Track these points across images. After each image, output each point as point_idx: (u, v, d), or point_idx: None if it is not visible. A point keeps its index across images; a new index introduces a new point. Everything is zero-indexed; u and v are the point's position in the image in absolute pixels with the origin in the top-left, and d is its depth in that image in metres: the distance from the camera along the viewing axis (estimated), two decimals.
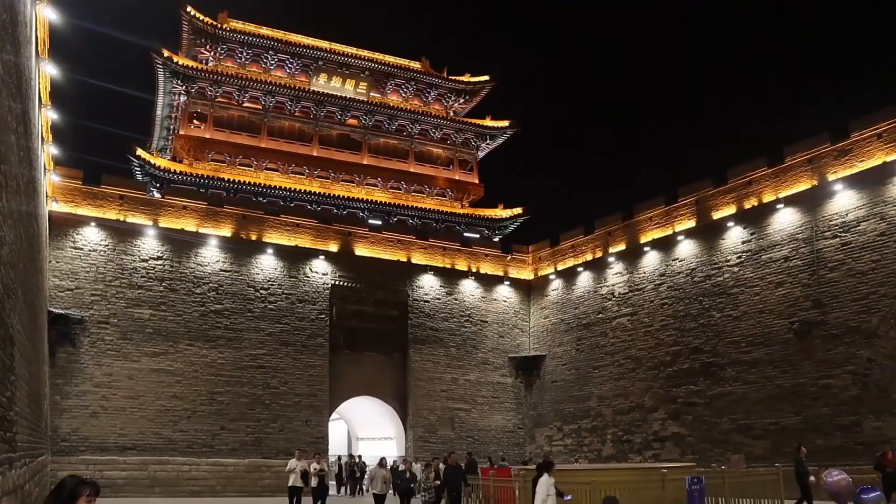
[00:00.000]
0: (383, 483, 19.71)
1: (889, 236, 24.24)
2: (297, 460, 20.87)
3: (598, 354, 34.68)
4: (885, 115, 25.08)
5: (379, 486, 19.63)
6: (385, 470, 20.17)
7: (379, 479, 19.65)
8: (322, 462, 21.42)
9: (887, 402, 23.52)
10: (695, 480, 17.06)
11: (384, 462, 20.83)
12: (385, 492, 19.84)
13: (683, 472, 17.74)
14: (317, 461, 21.27)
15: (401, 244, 37.38)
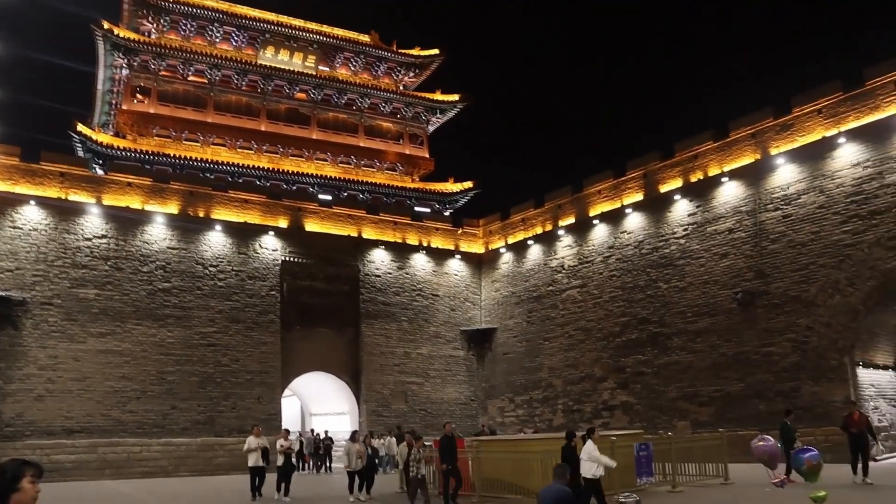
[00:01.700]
0: (357, 458, 18.68)
1: (828, 209, 25.02)
2: (256, 438, 19.41)
3: (549, 326, 35.18)
4: (825, 91, 25.76)
5: (353, 461, 18.61)
6: (359, 445, 19.16)
7: (353, 454, 18.67)
8: (288, 439, 20.05)
9: (824, 368, 24.45)
10: (642, 447, 17.56)
11: (357, 436, 19.97)
12: (360, 468, 18.80)
13: (632, 440, 18.22)
14: (283, 438, 19.94)
15: (351, 219, 37.20)
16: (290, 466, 19.50)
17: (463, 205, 49.30)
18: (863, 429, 17.20)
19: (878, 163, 23.88)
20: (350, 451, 18.76)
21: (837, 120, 25.24)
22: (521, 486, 16.00)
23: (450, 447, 16.37)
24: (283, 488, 18.75)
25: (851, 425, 17.29)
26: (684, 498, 16.39)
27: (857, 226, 24.13)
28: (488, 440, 21.76)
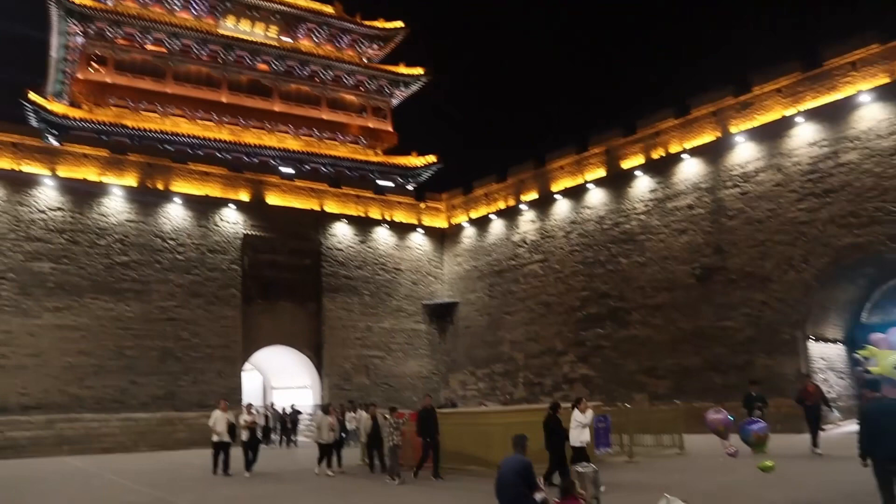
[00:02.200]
0: (330, 431, 18.35)
1: (784, 186, 25.50)
2: (221, 412, 18.91)
3: (510, 300, 35.45)
4: (784, 71, 26.14)
5: (325, 434, 18.24)
6: (331, 417, 18.77)
7: (325, 427, 18.33)
8: (251, 413, 19.68)
9: (777, 342, 25.09)
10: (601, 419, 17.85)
11: (329, 409, 19.66)
12: (332, 440, 18.47)
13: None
14: (246, 412, 19.43)
15: (314, 192, 36.92)
16: (255, 441, 19.17)
17: (426, 179, 49.22)
18: (817, 401, 17.71)
19: (834, 142, 24.37)
20: (322, 423, 18.46)
21: (796, 99, 25.65)
22: (482, 457, 16.20)
23: (429, 420, 16.27)
24: (247, 463, 18.47)
25: (806, 398, 17.79)
26: (640, 468, 16.77)
27: (812, 204, 24.65)
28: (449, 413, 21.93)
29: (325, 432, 18.26)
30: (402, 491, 14.89)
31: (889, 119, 23.15)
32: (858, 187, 23.53)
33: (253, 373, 38.18)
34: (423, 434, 16.15)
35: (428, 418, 16.31)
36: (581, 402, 14.11)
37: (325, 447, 18.26)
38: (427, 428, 16.16)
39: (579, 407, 13.88)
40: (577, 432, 13.61)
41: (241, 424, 18.81)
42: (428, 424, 16.21)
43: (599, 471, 10.06)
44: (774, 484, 12.45)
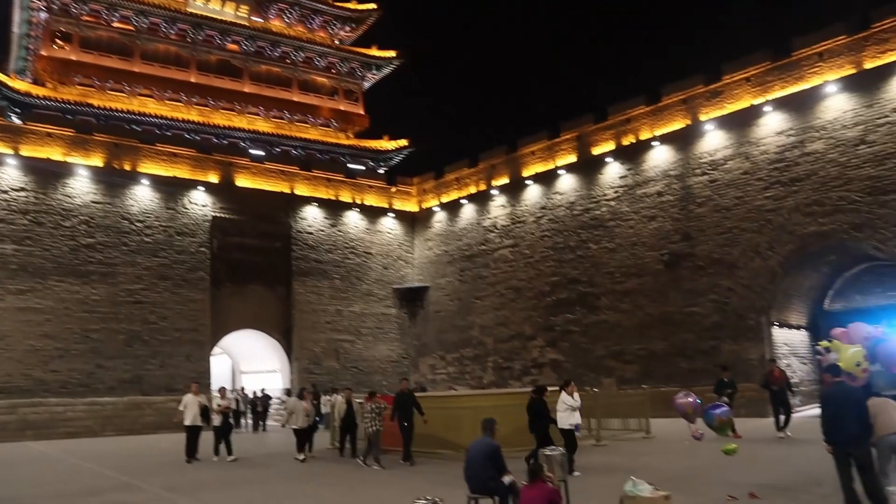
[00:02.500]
0: (305, 416, 18.00)
1: (752, 174, 25.83)
2: (193, 395, 18.55)
3: (481, 285, 35.58)
4: (754, 60, 26.41)
5: (300, 419, 17.88)
6: (306, 402, 18.41)
7: (300, 412, 17.97)
8: (226, 397, 19.24)
9: (743, 328, 25.52)
10: None
11: (305, 394, 19.29)
12: (307, 425, 18.16)
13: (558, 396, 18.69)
14: (220, 396, 19.08)
15: (284, 175, 36.64)
16: (228, 426, 18.82)
17: (397, 163, 48.99)
18: (783, 385, 18.06)
19: (801, 132, 24.72)
20: (297, 408, 18.09)
21: (765, 88, 25.95)
22: (451, 441, 16.31)
23: (406, 404, 16.10)
24: (226, 448, 18.10)
25: (772, 382, 18.14)
26: (607, 451, 17.00)
27: (779, 192, 25.01)
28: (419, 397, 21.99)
29: (301, 417, 17.93)
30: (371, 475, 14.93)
31: (854, 110, 23.51)
32: (823, 176, 23.91)
33: (222, 357, 37.94)
34: (400, 418, 15.98)
35: (405, 402, 16.16)
36: (569, 384, 14.16)
37: (301, 432, 17.95)
38: (404, 412, 16.00)
39: (567, 390, 13.93)
40: (566, 415, 13.66)
41: (216, 408, 18.48)
42: (405, 408, 16.05)
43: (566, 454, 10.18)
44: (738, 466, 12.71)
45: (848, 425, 8.50)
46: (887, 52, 23.04)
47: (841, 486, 8.55)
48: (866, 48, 23.57)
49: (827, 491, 9.41)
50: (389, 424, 16.28)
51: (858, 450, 8.49)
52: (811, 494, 10.03)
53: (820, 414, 9.06)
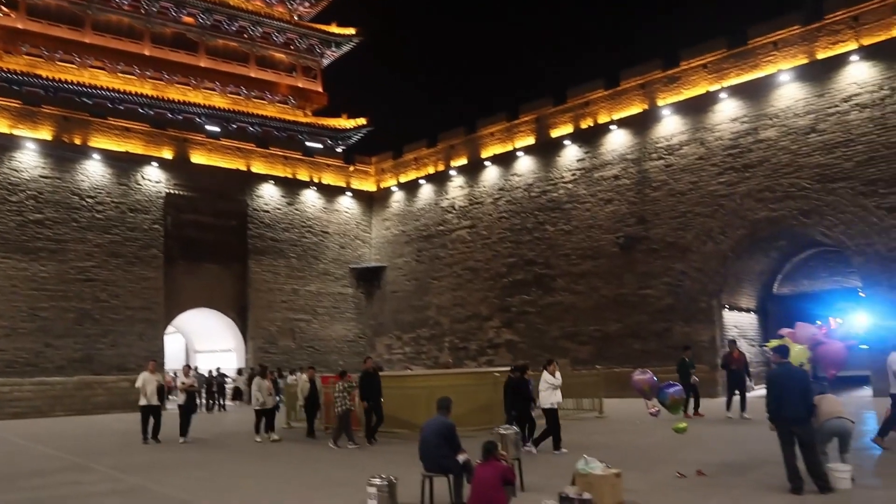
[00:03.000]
0: (268, 395, 17.65)
1: (706, 160, 26.25)
2: (150, 374, 17.82)
3: (438, 266, 35.64)
4: (711, 47, 26.75)
5: (264, 399, 17.51)
6: (268, 381, 18.01)
7: (264, 391, 17.57)
8: (190, 376, 18.64)
9: (694, 310, 26.05)
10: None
11: (267, 373, 18.65)
12: (272, 405, 17.84)
13: None
14: (184, 374, 18.49)
15: (240, 152, 36.12)
16: (193, 405, 18.36)
17: (355, 142, 48.61)
18: (742, 367, 18.48)
19: (754, 119, 25.16)
20: (261, 387, 17.65)
21: (721, 76, 26.32)
22: (407, 420, 16.37)
23: (371, 383, 15.91)
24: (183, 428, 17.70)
25: (731, 363, 18.56)
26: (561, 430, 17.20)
27: (732, 177, 25.47)
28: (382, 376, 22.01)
29: (264, 397, 17.58)
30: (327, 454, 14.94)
31: (805, 99, 24.00)
32: (775, 163, 24.41)
33: (176, 336, 37.45)
34: (365, 398, 15.82)
35: (370, 381, 15.98)
36: (551, 363, 14.28)
37: (263, 412, 17.60)
38: (370, 391, 15.84)
39: (549, 369, 14.04)
40: (548, 394, 13.78)
41: (180, 387, 18.03)
42: (370, 388, 15.88)
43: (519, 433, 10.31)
44: (688, 445, 13.01)
45: (792, 405, 8.79)
46: (839, 43, 23.52)
47: (784, 463, 8.83)
48: (819, 39, 24.03)
49: (771, 469, 9.68)
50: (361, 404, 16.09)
51: (801, 428, 8.79)
52: (757, 472, 10.32)
53: (766, 394, 9.34)
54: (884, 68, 22.48)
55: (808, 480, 8.78)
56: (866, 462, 10.68)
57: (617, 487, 8.59)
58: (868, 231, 22.25)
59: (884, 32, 22.66)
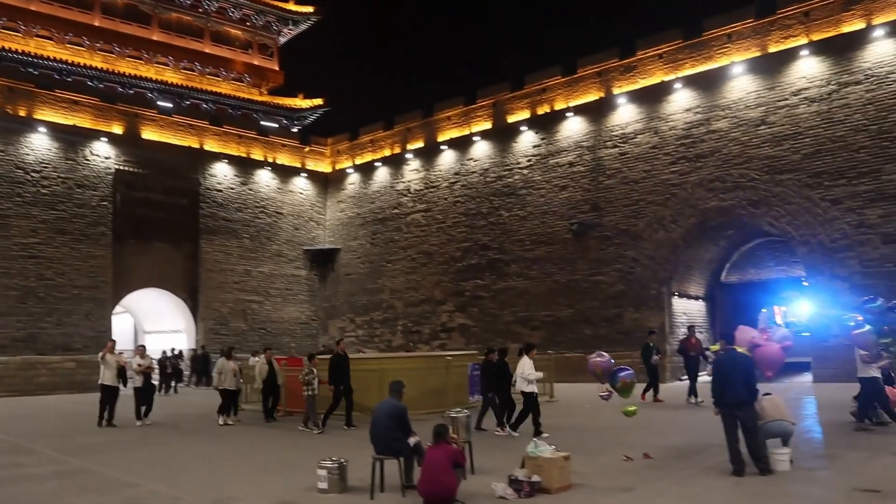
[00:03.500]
0: (233, 377, 17.10)
1: (660, 149, 26.61)
2: (110, 354, 17.12)
3: (392, 249, 35.57)
4: (666, 38, 27.06)
5: (229, 380, 16.97)
6: (234, 363, 17.40)
7: (228, 373, 17.05)
8: (146, 356, 17.87)
9: (645, 297, 26.48)
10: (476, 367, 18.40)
11: (232, 354, 17.88)
12: (238, 387, 17.45)
13: (466, 360, 19.07)
14: (139, 355, 17.74)
15: (193, 129, 35.43)
16: (151, 387, 17.71)
17: (311, 122, 48.09)
18: (699, 352, 18.86)
19: (707, 110, 25.57)
20: (224, 369, 17.13)
21: (676, 66, 26.65)
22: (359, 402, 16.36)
23: (340, 366, 15.53)
24: (136, 411, 17.04)
25: (689, 349, 18.94)
26: None
27: (684, 167, 25.88)
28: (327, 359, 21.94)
29: (228, 379, 17.04)
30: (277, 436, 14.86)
31: (757, 91, 24.47)
32: (726, 154, 24.86)
33: (124, 315, 36.75)
34: (333, 381, 15.44)
35: (340, 365, 15.59)
36: (532, 349, 14.37)
37: (228, 394, 17.09)
38: (339, 375, 15.47)
39: (529, 354, 14.09)
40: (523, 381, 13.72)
41: (136, 368, 17.24)
42: (340, 371, 15.51)
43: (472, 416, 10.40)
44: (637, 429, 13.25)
45: (735, 389, 9.02)
46: (790, 37, 24.01)
47: (727, 447, 9.07)
48: (771, 33, 24.49)
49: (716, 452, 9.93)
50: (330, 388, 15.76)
51: (744, 412, 9.02)
52: (702, 455, 10.58)
53: (711, 379, 9.57)
54: (831, 63, 23.03)
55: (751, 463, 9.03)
56: (807, 445, 11.02)
57: (565, 470, 8.73)
58: (812, 222, 22.85)
59: (833, 28, 23.20)
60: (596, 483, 8.93)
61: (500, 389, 14.06)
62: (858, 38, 22.63)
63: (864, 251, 21.90)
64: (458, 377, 17.93)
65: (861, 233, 21.99)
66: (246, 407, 19.82)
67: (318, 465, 9.02)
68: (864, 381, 12.19)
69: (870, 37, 22.38)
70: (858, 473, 9.00)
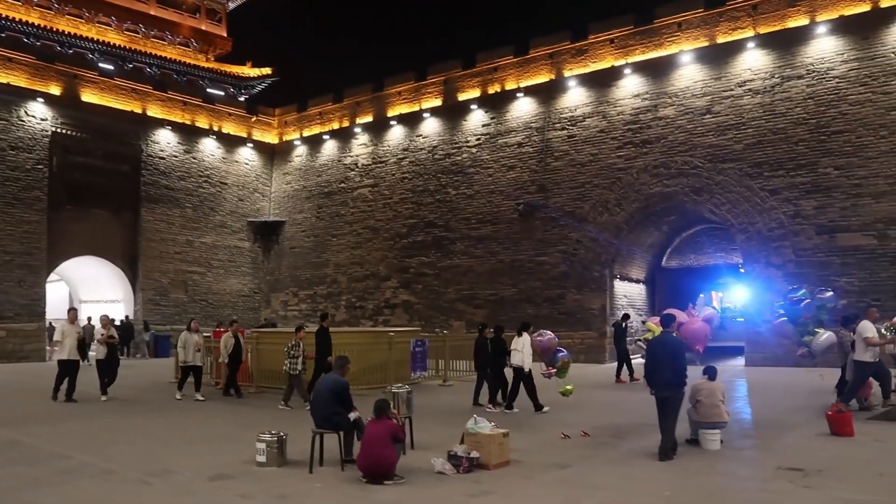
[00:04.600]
0: (196, 351, 16.20)
1: (607, 133, 26.92)
2: (70, 325, 16.06)
3: (338, 223, 35.31)
4: (619, 23, 27.28)
5: (191, 354, 16.10)
6: (198, 335, 16.54)
7: (191, 346, 16.19)
8: (108, 326, 16.66)
9: (587, 279, 26.88)
10: (419, 343, 18.54)
11: (192, 324, 16.89)
12: (201, 362, 16.54)
13: (409, 336, 19.15)
14: (103, 325, 16.60)
15: (136, 94, 34.41)
16: (116, 360, 16.70)
17: (259, 92, 47.10)
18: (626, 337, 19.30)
19: (655, 96, 25.93)
20: (188, 342, 16.19)
21: (626, 51, 26.91)
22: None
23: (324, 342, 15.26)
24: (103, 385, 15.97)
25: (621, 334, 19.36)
26: (452, 390, 17.59)
27: (630, 152, 26.25)
28: (268, 332, 21.81)
29: (191, 352, 16.16)
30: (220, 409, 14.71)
31: (703, 80, 24.91)
32: (672, 141, 25.30)
33: (59, 284, 35.72)
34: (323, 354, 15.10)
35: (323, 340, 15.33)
36: (528, 327, 14.41)
37: (190, 369, 16.27)
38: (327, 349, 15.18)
39: (528, 332, 14.18)
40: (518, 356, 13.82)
41: (100, 339, 16.24)
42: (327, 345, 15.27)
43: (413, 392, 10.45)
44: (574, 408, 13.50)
45: (663, 372, 9.19)
46: (737, 29, 24.47)
47: (659, 427, 9.28)
48: (720, 23, 24.91)
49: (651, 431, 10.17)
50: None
51: (670, 394, 9.18)
52: (637, 434, 10.84)
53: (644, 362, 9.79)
54: (776, 57, 23.57)
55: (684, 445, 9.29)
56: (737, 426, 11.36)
57: (504, 446, 8.86)
58: (751, 211, 23.46)
59: (779, 23, 23.72)
60: (534, 460, 9.08)
61: (495, 366, 14.23)
62: (802, 33, 23.19)
63: (799, 241, 22.61)
64: (401, 353, 17.99)
65: (796, 223, 22.68)
66: None
67: (257, 438, 8.98)
68: (859, 365, 12.01)
69: (813, 33, 22.97)
70: (784, 453, 9.35)
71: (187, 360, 16.21)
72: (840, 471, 8.27)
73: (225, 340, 16.88)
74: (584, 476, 8.35)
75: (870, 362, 11.89)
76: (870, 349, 11.79)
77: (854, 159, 21.89)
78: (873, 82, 21.89)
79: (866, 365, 11.90)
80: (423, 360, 18.74)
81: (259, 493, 7.69)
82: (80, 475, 8.68)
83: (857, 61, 22.21)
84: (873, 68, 21.94)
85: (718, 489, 7.75)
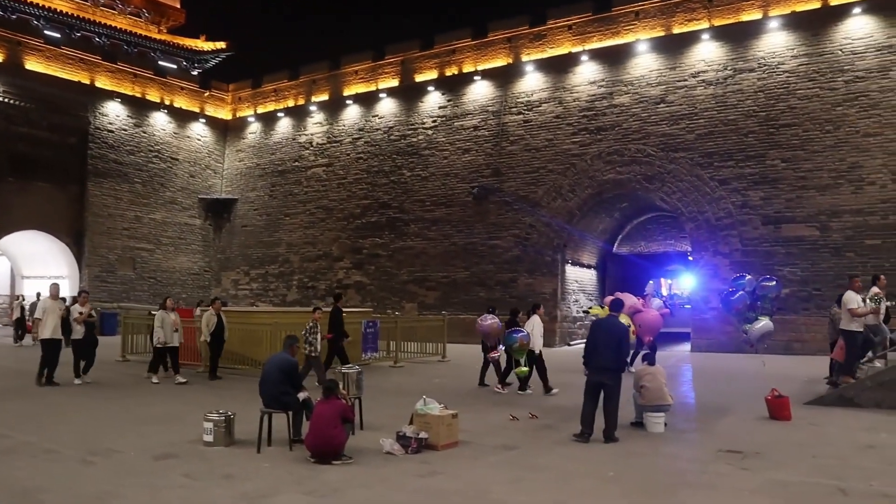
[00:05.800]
0: (174, 332, 15.36)
1: (563, 119, 27.10)
2: (53, 301, 14.80)
3: (291, 202, 34.95)
4: (577, 10, 27.46)
5: (168, 335, 15.22)
6: (175, 315, 15.64)
7: (168, 326, 15.27)
8: (87, 304, 15.44)
9: (540, 263, 27.13)
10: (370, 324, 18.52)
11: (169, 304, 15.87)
12: (178, 342, 15.54)
13: (360, 317, 19.10)
14: (81, 303, 15.27)
15: (84, 64, 33.47)
16: (95, 339, 15.48)
17: (213, 66, 46.12)
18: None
19: (611, 84, 26.18)
20: (165, 322, 15.25)
21: (584, 38, 27.08)
22: (250, 356, 16.18)
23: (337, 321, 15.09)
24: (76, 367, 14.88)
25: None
26: (403, 372, 17.62)
27: (585, 138, 26.49)
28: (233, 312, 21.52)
29: (168, 333, 15.25)
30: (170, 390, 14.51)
31: (658, 70, 25.23)
32: (626, 129, 25.60)
33: (1, 259, 34.69)
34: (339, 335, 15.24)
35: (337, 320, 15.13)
36: (539, 307, 14.48)
37: (165, 350, 15.41)
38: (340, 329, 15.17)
39: (538, 312, 14.24)
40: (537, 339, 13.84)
41: (77, 318, 14.90)
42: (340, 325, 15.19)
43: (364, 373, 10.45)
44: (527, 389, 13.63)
45: (604, 355, 9.28)
46: (693, 20, 24.82)
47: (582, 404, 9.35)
48: (676, 14, 25.22)
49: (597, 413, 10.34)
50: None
51: (609, 378, 9.27)
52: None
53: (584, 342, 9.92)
54: (729, 49, 23.98)
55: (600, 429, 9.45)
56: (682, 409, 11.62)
57: (453, 427, 8.92)
58: (701, 200, 23.92)
59: (733, 16, 24.12)
60: (482, 441, 9.17)
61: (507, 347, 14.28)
62: (755, 27, 23.64)
63: (746, 230, 23.14)
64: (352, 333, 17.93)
65: (744, 213, 23.20)
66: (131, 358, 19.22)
67: (205, 417, 8.89)
68: (847, 335, 12.35)
69: (766, 27, 23.42)
70: (725, 436, 9.61)
71: (166, 340, 15.25)
72: (776, 453, 8.53)
73: (207, 319, 15.91)
74: (530, 457, 8.46)
75: (857, 331, 12.35)
76: (856, 319, 12.24)
77: (800, 152, 22.45)
78: (821, 78, 22.45)
79: (854, 334, 12.35)
80: (375, 341, 18.74)
81: (205, 473, 7.62)
82: (18, 454, 8.48)
83: (807, 56, 22.74)
84: (821, 64, 22.49)
85: (661, 470, 7.93)
